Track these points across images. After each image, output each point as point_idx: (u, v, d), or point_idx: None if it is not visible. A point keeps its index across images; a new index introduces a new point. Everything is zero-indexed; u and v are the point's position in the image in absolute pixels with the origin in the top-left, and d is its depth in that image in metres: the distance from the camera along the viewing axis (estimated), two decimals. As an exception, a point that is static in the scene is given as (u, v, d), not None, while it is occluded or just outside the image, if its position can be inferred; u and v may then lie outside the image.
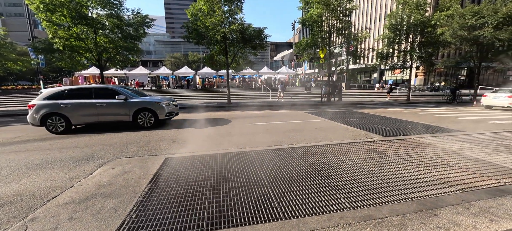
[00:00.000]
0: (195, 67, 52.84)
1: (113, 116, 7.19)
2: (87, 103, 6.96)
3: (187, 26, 13.25)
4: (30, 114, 6.64)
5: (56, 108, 6.70)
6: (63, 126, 6.80)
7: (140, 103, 7.35)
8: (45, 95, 6.86)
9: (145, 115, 7.35)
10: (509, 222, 2.17)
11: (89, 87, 7.42)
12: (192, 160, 3.98)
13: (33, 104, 6.68)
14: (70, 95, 6.96)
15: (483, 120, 8.81)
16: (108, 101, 7.10)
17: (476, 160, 3.95)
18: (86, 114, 6.98)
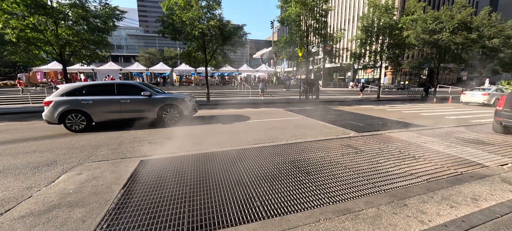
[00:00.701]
0: (172, 63, 50.72)
1: (137, 112, 7.01)
2: (110, 100, 6.69)
3: (162, 21, 12.58)
4: (47, 111, 6.18)
5: (77, 104, 6.35)
6: (84, 124, 6.47)
7: (165, 99, 7.24)
8: (63, 91, 6.43)
9: (170, 112, 7.30)
10: (466, 208, 2.43)
11: (111, 83, 7.05)
12: (170, 161, 3.80)
13: (50, 101, 6.22)
14: (90, 91, 6.61)
15: (442, 116, 9.79)
16: (133, 97, 6.91)
17: (437, 152, 4.36)
18: (109, 111, 6.70)
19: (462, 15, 16.73)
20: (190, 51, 13.95)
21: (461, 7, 17.73)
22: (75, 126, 6.41)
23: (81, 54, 12.60)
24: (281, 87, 27.00)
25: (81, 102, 6.39)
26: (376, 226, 2.12)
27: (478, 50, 19.00)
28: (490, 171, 3.46)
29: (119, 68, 27.71)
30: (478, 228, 2.06)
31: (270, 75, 35.30)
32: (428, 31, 17.25)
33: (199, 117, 8.79)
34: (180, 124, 7.23)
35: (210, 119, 8.31)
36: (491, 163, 3.83)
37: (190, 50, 13.90)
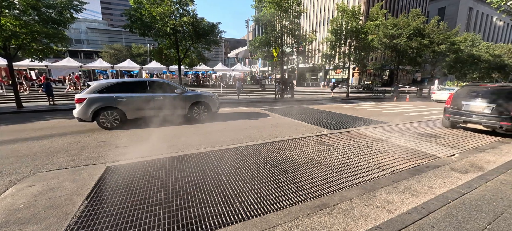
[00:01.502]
0: (141, 61, 47.53)
1: (170, 109, 7.18)
2: (144, 97, 6.76)
3: (130, 15, 11.67)
4: (80, 109, 6.06)
5: (111, 101, 6.33)
6: (118, 121, 6.49)
7: (196, 97, 7.60)
8: (96, 88, 6.34)
9: (200, 108, 7.67)
10: (425, 196, 2.71)
11: (144, 80, 7.13)
12: (141, 166, 3.54)
13: (83, 98, 6.11)
14: (123, 88, 6.62)
15: (402, 113, 10.86)
16: (166, 94, 7.12)
17: (399, 146, 4.82)
18: (143, 107, 6.78)
19: (417, 23, 18.77)
20: (161, 48, 13.23)
21: (415, 16, 19.86)
22: (108, 124, 6.39)
23: (31, 49, 11.03)
24: (257, 87, 27.21)
25: (115, 99, 6.39)
26: (350, 219, 2.25)
27: (429, 54, 21.51)
28: (442, 162, 3.94)
29: (79, 65, 25.00)
30: (435, 213, 2.32)
31: (245, 75, 35.30)
32: (389, 36, 18.98)
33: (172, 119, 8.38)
34: (150, 126, 6.81)
35: (185, 120, 7.98)
36: (442, 154, 4.36)
37: (162, 47, 13.19)
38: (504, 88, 5.89)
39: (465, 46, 23.03)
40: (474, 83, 9.94)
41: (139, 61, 46.38)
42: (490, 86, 6.15)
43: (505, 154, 4.43)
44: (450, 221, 2.20)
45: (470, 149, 4.75)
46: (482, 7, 63.55)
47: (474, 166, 3.73)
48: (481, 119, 5.82)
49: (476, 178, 3.19)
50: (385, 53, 22.25)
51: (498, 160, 4.06)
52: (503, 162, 3.90)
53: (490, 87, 6.13)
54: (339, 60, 20.65)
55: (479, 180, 3.13)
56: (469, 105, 6.11)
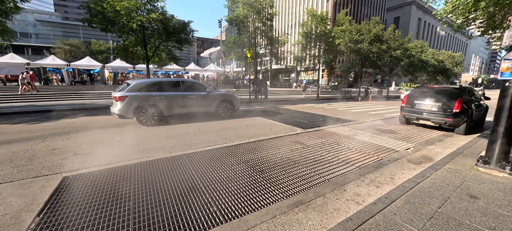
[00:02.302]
0: (103, 58, 43.51)
1: (200, 107, 7.85)
2: (179, 95, 7.34)
3: (89, 8, 10.56)
4: (122, 106, 6.42)
5: (150, 99, 6.80)
6: (156, 118, 6.91)
7: (222, 96, 8.39)
8: (136, 87, 6.77)
9: (225, 106, 8.39)
10: (387, 186, 2.99)
11: (177, 80, 7.71)
12: (105, 175, 3.23)
13: (125, 96, 6.47)
14: (160, 87, 7.14)
15: (366, 112, 11.82)
16: (197, 93, 7.73)
17: (364, 142, 5.23)
18: (178, 105, 7.33)
19: (376, 30, 20.65)
20: (127, 45, 12.25)
21: (375, 23, 21.83)
22: (147, 120, 6.81)
23: (-40, 41, 9.27)
24: (231, 87, 26.98)
25: (154, 97, 6.88)
26: (324, 213, 2.37)
27: (388, 58, 23.86)
28: (400, 155, 4.39)
29: (26, 62, 21.76)
30: (397, 202, 2.57)
31: (219, 75, 34.76)
32: (353, 41, 20.54)
33: (141, 121, 7.83)
34: (115, 130, 6.26)
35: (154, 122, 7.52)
36: (400, 148, 4.86)
37: (127, 44, 12.21)
38: (447, 89, 6.83)
39: (416, 52, 26.13)
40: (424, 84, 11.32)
41: (100, 58, 42.37)
42: (436, 87, 7.06)
43: (449, 146, 5.13)
44: (409, 208, 2.46)
45: (422, 143, 5.38)
46: (429, 18, 72.81)
47: (426, 158, 4.24)
48: (430, 116, 6.65)
49: (428, 168, 3.62)
50: (350, 57, 24.03)
51: (444, 151, 4.68)
52: (448, 153, 4.51)
53: (436, 88, 7.04)
54: (309, 62, 21.65)
55: (430, 169, 3.56)
56: (420, 104, 6.93)
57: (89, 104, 12.05)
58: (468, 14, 3.04)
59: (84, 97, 14.88)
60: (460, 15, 3.10)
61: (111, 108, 6.84)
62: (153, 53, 12.92)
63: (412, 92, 7.55)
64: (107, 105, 11.74)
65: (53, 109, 9.83)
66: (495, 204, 2.55)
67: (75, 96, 14.96)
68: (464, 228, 2.13)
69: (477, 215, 2.34)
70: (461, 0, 2.89)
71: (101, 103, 12.72)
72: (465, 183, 3.10)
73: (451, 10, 3.08)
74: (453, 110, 6.15)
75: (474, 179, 3.21)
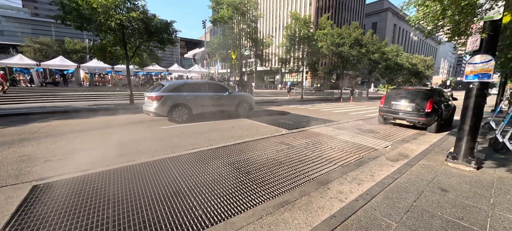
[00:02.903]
0: (78, 58, 40.97)
1: (223, 106, 8.64)
2: (206, 96, 8.13)
3: (62, 4, 9.87)
4: (158, 105, 7.06)
5: (183, 99, 7.52)
6: (186, 116, 7.65)
7: (240, 97, 9.24)
8: (170, 87, 7.47)
9: (243, 106, 9.24)
10: (368, 183, 3.13)
11: (203, 82, 8.93)
12: (81, 182, 3.04)
13: (160, 96, 7.13)
14: (189, 88, 7.88)
15: (347, 113, 12.29)
16: (220, 94, 8.56)
17: (346, 142, 5.43)
18: (205, 104, 8.08)
19: (356, 34, 21.62)
20: (104, 44, 11.62)
21: (355, 28, 22.85)
22: (179, 118, 7.53)
23: None
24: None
25: (186, 97, 7.64)
26: (309, 212, 2.42)
27: (367, 62, 25.05)
28: (379, 153, 4.62)
29: (-13, 61, 19.81)
30: (376, 197, 2.70)
31: (203, 76, 34.24)
32: (335, 44, 21.31)
33: (121, 124, 7.47)
34: (92, 134, 5.92)
35: (136, 125, 7.22)
36: (379, 146, 5.11)
37: (105, 43, 11.59)
38: (420, 90, 7.32)
39: (392, 56, 27.74)
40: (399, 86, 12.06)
41: (75, 58, 39.84)
42: (411, 89, 7.55)
43: (422, 143, 5.49)
44: (388, 202, 2.59)
45: (399, 141, 5.71)
46: (403, 24, 77.69)
47: (402, 155, 4.50)
48: (405, 116, 7.08)
49: (404, 165, 3.85)
50: (333, 59, 24.91)
51: (418, 148, 5.00)
52: (422, 150, 4.83)
53: (410, 89, 7.52)
54: (294, 64, 22.09)
55: (406, 166, 3.78)
56: (397, 105, 7.36)
57: (63, 107, 11.25)
58: (437, 21, 3.30)
59: (57, 100, 13.87)
60: (430, 22, 3.35)
61: (144, 107, 7.63)
62: (133, 53, 12.40)
63: (388, 93, 7.99)
64: (83, 107, 11.05)
65: (21, 113, 9.04)
66: (463, 196, 2.78)
67: (46, 99, 13.89)
68: (437, 219, 2.29)
69: (447, 207, 2.53)
70: (430, 9, 3.13)
71: (76, 105, 11.94)
72: (437, 177, 3.33)
73: (422, 17, 3.32)
74: (425, 110, 6.61)
75: (444, 174, 3.47)
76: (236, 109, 9.04)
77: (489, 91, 10.77)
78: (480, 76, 3.33)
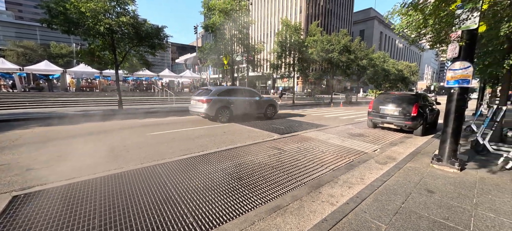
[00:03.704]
0: (64, 63, 39.72)
1: (255, 110, 9.81)
2: (243, 100, 9.42)
3: (49, 8, 9.60)
4: (208, 107, 8.40)
5: (227, 103, 8.86)
6: (228, 117, 8.86)
7: (269, 101, 10.41)
8: (217, 92, 8.84)
9: (271, 109, 10.40)
10: (358, 186, 3.19)
11: (241, 88, 10.27)
12: (65, 191, 2.91)
13: (210, 99, 8.49)
14: (229, 93, 9.15)
15: (338, 117, 12.52)
16: (253, 98, 9.78)
17: (337, 146, 5.53)
18: (242, 108, 9.28)
19: (345, 41, 22.28)
20: (93, 49, 11.34)
21: (344, 35, 23.56)
22: (223, 119, 8.75)
23: None
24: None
25: (229, 100, 8.95)
26: (301, 216, 2.43)
27: (355, 67, 25.78)
28: (368, 156, 4.72)
29: (-35, 65, 18.78)
30: (366, 200, 2.75)
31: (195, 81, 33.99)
32: (325, 50, 21.84)
33: (108, 130, 7.26)
34: (78, 140, 5.71)
35: (124, 131, 7.04)
36: (368, 150, 5.23)
37: (93, 48, 11.32)
38: (406, 95, 7.60)
39: (379, 62, 28.71)
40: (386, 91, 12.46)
41: (61, 63, 38.60)
42: (397, 94, 7.82)
43: (409, 146, 5.67)
44: (377, 205, 2.65)
45: (387, 144, 5.87)
46: (389, 32, 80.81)
47: (390, 158, 4.62)
48: (393, 120, 7.31)
49: (392, 167, 3.95)
50: (323, 65, 25.47)
51: (405, 151, 5.16)
52: (409, 152, 4.99)
53: (397, 94, 7.79)
54: (285, 70, 22.39)
55: (394, 169, 3.89)
56: (385, 109, 7.59)
57: (47, 113, 10.81)
58: (419, 30, 3.47)
59: (41, 105, 13.33)
60: (413, 30, 3.53)
61: (192, 109, 9.08)
62: (123, 58, 12.17)
63: (376, 98, 8.24)
64: (68, 113, 10.66)
65: (1, 119, 8.60)
66: (448, 197, 2.88)
67: (29, 104, 13.31)
68: (424, 220, 2.36)
69: (433, 208, 2.61)
70: (413, 18, 3.30)
71: (61, 111, 11.51)
72: (423, 179, 3.44)
73: (406, 26, 3.49)
74: (411, 114, 6.85)
75: (430, 176, 3.59)
76: (265, 111, 10.27)
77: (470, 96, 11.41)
78: (460, 81, 3.51)
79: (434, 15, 3.11)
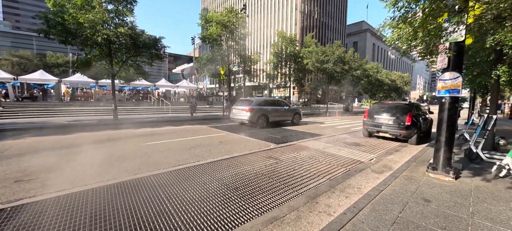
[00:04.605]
0: (60, 72, 39.46)
1: (285, 117, 11.67)
2: (276, 109, 11.26)
3: (46, 18, 9.64)
4: (251, 115, 10.02)
5: (265, 111, 10.56)
6: (266, 123, 10.53)
7: (295, 110, 12.46)
8: (257, 102, 10.59)
9: (297, 117, 12.25)
10: (355, 196, 3.17)
11: (274, 99, 12.84)
12: (54, 204, 2.82)
13: (252, 108, 10.12)
14: (266, 103, 10.95)
15: (334, 126, 12.60)
16: (283, 108, 11.70)
17: (333, 155, 5.53)
18: (276, 115, 11.15)
19: (339, 52, 22.83)
20: (89, 59, 11.33)
21: (338, 46, 24.16)
22: (261, 125, 10.28)
23: None
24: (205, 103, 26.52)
25: (266, 109, 10.63)
26: (298, 228, 2.39)
27: (350, 78, 26.27)
28: (364, 165, 4.73)
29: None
30: (364, 210, 2.73)
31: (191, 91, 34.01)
32: (319, 61, 22.29)
33: (103, 140, 7.13)
34: (71, 150, 5.59)
35: (119, 141, 6.92)
36: (364, 159, 5.25)
37: (90, 58, 11.31)
38: (399, 104, 7.73)
39: (373, 72, 29.37)
40: (381, 101, 12.71)
41: (56, 72, 38.32)
42: (391, 103, 7.95)
43: (404, 155, 5.71)
44: (375, 215, 2.63)
45: (383, 153, 5.90)
46: (381, 44, 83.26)
47: (386, 167, 4.64)
48: (387, 129, 7.39)
49: (388, 176, 3.95)
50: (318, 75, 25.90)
51: (401, 160, 5.19)
52: (404, 161, 5.01)
53: (391, 103, 7.92)
54: (281, 80, 22.69)
55: (390, 178, 3.89)
56: (379, 118, 7.69)
57: (40, 122, 10.60)
58: (410, 42, 3.60)
59: (34, 115, 13.09)
60: (404, 42, 3.65)
61: (233, 116, 10.94)
62: (119, 68, 12.16)
63: (371, 108, 8.36)
64: (61, 124, 10.48)
65: (-10, 130, 8.39)
66: (445, 206, 2.88)
67: (22, 114, 13.06)
68: (421, 229, 2.35)
69: (431, 217, 2.60)
70: (403, 31, 3.43)
71: (55, 121, 11.31)
72: (420, 188, 3.45)
73: (397, 38, 3.62)
74: (405, 123, 6.95)
75: (426, 184, 3.60)
76: (293, 118, 11.97)
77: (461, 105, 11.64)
78: (450, 91, 3.60)
79: (423, 28, 3.24)
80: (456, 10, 3.20)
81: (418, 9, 3.26)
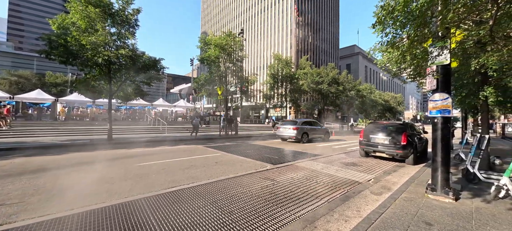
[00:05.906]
0: (57, 91, 39.49)
1: (319, 135, 14.48)
2: (314, 128, 14.13)
3: (49, 40, 9.85)
4: (297, 133, 12.67)
5: (306, 130, 13.31)
6: (307, 139, 13.24)
7: (326, 129, 15.31)
8: (300, 122, 13.49)
9: (326, 135, 15.03)
10: (355, 220, 3.06)
11: (311, 120, 15.18)
12: (36, 230, 2.65)
13: (297, 127, 12.82)
14: (306, 123, 13.83)
15: (331, 146, 12.55)
16: (317, 127, 14.57)
17: (331, 176, 5.44)
18: (313, 133, 13.99)
19: (333, 73, 23.57)
20: (88, 78, 11.41)
21: (332, 68, 25.01)
22: (304, 141, 12.90)
23: None
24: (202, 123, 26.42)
25: (307, 128, 13.44)
26: (295, 253, 2.27)
27: (344, 98, 26.84)
28: (363, 187, 4.64)
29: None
30: (363, 234, 2.62)
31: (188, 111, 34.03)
32: (315, 82, 22.87)
33: (95, 161, 6.92)
34: (62, 172, 5.39)
35: (112, 162, 6.73)
36: (362, 180, 5.17)
37: (89, 77, 11.39)
38: (394, 124, 7.82)
39: (367, 93, 30.11)
40: (375, 121, 12.94)
41: (54, 91, 38.35)
42: (386, 123, 8.04)
43: (402, 175, 5.65)
44: (374, 239, 2.52)
45: (381, 174, 5.83)
46: (373, 66, 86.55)
47: (385, 188, 4.56)
48: (384, 149, 7.38)
49: (388, 198, 3.87)
50: (313, 96, 26.41)
51: (400, 181, 5.12)
52: (403, 182, 4.94)
53: (386, 123, 8.01)
54: (277, 100, 23.03)
55: (390, 199, 3.81)
56: (375, 138, 7.71)
57: (31, 142, 10.34)
58: (399, 65, 3.75)
59: (27, 134, 12.80)
60: (394, 65, 3.80)
61: (279, 133, 13.69)
62: (118, 87, 12.23)
63: (366, 128, 8.42)
64: (53, 143, 10.23)
65: (-22, 150, 8.11)
66: (447, 230, 2.79)
67: (13, 133, 12.77)
68: (423, 255, 2.24)
69: (432, 241, 2.50)
70: (392, 54, 3.59)
71: (47, 141, 11.05)
72: (420, 210, 3.36)
73: (387, 61, 3.78)
74: (401, 143, 6.97)
75: (426, 206, 3.52)
76: (324, 136, 14.70)
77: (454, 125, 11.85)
78: (442, 111, 3.68)
79: (409, 52, 3.40)
80: (439, 36, 3.39)
81: (404, 35, 3.45)
